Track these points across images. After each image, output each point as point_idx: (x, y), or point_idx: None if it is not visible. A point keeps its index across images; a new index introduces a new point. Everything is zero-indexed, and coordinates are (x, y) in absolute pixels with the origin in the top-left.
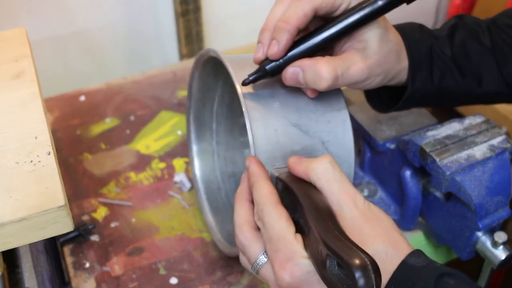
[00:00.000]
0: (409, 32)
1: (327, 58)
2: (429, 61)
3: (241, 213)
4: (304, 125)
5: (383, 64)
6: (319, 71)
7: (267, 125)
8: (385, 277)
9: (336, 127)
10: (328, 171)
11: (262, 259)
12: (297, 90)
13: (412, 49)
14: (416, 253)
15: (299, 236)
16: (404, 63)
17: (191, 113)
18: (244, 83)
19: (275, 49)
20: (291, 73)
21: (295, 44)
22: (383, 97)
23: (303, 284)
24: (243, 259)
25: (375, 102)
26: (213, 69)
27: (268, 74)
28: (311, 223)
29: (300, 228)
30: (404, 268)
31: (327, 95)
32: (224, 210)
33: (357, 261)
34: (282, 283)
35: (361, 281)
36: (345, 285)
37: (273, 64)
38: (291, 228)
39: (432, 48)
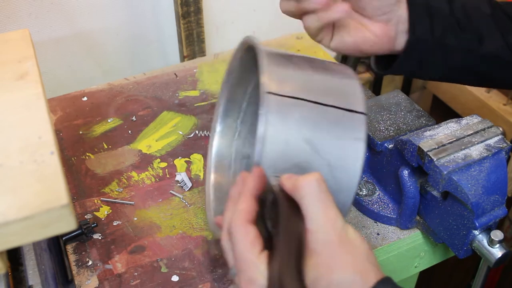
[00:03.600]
0: None
1: None
2: (427, 14)
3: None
4: (316, 143)
5: None
6: None
7: (280, 133)
8: None
9: (348, 155)
10: (313, 192)
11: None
12: (323, 106)
13: (410, 3)
14: (385, 281)
15: (263, 256)
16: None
17: (225, 88)
18: None
19: None
20: None
21: None
22: (385, 59)
23: None
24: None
25: (378, 61)
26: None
27: None
28: (276, 246)
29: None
30: None
31: (350, 121)
32: (227, 188)
33: None
34: None
35: None
36: None
37: None
38: (256, 248)
39: (431, 5)
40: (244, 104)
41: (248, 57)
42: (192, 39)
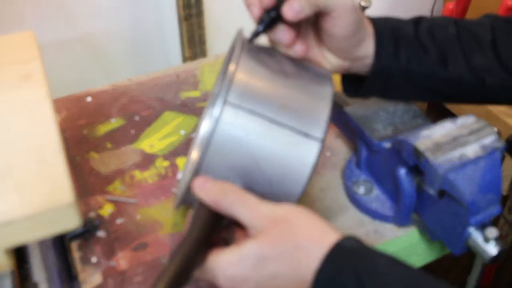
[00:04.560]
0: (375, 18)
1: None
2: (394, 40)
3: None
4: (260, 161)
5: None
6: None
7: (225, 145)
8: (305, 270)
9: (290, 177)
10: (232, 201)
11: None
12: (277, 126)
13: (378, 28)
14: (348, 237)
15: None
16: (371, 44)
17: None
18: (249, 40)
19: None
20: (287, 6)
21: None
22: (355, 83)
23: None
24: None
25: (347, 87)
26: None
27: (268, 24)
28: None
29: None
30: (336, 248)
31: (302, 145)
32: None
33: None
34: None
35: None
36: None
37: (270, 14)
38: None
39: (397, 30)
40: None
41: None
42: (193, 41)
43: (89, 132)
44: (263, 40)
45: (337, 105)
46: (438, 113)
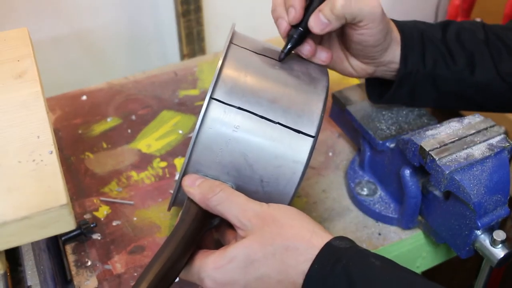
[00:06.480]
0: (402, 21)
1: None
2: (421, 45)
3: None
4: (251, 158)
5: (387, 23)
6: None
7: (214, 141)
8: (294, 272)
9: (282, 176)
10: (221, 198)
11: None
12: (268, 122)
13: (405, 32)
14: (340, 237)
15: None
16: (397, 49)
17: None
18: (280, 59)
19: (293, 14)
20: (313, 19)
21: (306, 8)
22: (379, 88)
23: None
24: None
25: (371, 92)
26: None
27: (298, 40)
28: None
29: None
30: (328, 249)
31: (293, 142)
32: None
33: None
34: None
35: None
36: None
37: (298, 30)
38: None
39: (424, 34)
40: None
41: None
42: (192, 38)
43: (84, 132)
44: (253, 33)
45: (339, 104)
46: (444, 112)
